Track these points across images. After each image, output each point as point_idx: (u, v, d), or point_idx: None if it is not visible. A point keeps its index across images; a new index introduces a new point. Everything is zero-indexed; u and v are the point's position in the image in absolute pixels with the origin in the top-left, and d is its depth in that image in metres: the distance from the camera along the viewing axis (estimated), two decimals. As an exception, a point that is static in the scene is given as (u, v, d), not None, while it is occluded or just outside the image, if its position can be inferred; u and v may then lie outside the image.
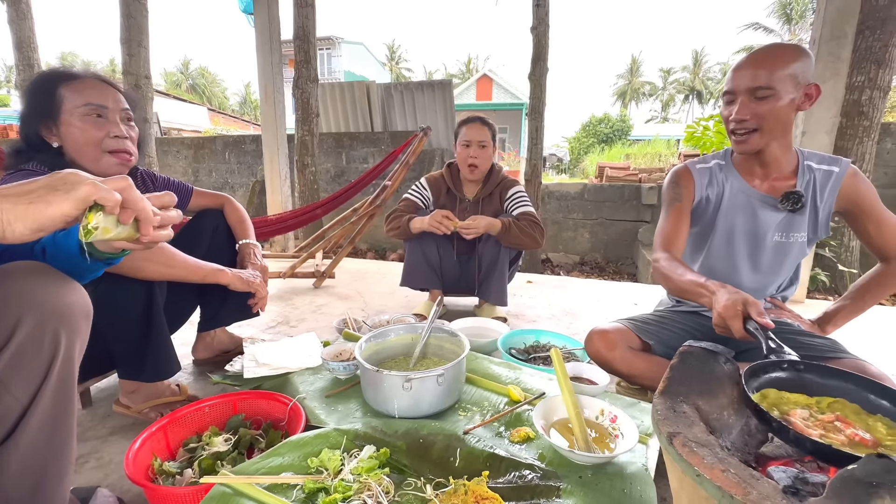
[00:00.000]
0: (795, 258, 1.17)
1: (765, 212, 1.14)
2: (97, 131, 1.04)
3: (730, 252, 1.19)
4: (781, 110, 1.02)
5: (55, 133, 1.04)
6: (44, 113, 1.03)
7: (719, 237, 1.20)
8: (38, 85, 1.05)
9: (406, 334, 1.29)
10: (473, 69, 35.51)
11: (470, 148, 1.85)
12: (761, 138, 1.06)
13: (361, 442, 0.92)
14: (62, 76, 1.05)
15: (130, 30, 4.18)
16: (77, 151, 1.05)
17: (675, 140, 14.33)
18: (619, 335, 1.20)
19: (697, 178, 1.22)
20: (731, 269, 1.20)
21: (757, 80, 1.01)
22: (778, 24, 23.60)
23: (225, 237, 1.42)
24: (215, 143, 6.54)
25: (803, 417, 0.60)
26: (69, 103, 1.02)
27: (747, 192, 1.16)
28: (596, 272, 4.96)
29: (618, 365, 1.17)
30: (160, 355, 1.12)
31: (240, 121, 20.51)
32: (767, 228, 1.14)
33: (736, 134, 1.08)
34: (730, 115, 1.08)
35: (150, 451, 0.93)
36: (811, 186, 1.11)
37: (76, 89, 1.03)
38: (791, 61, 1.00)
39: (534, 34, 4.28)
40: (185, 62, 36.15)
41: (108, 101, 1.06)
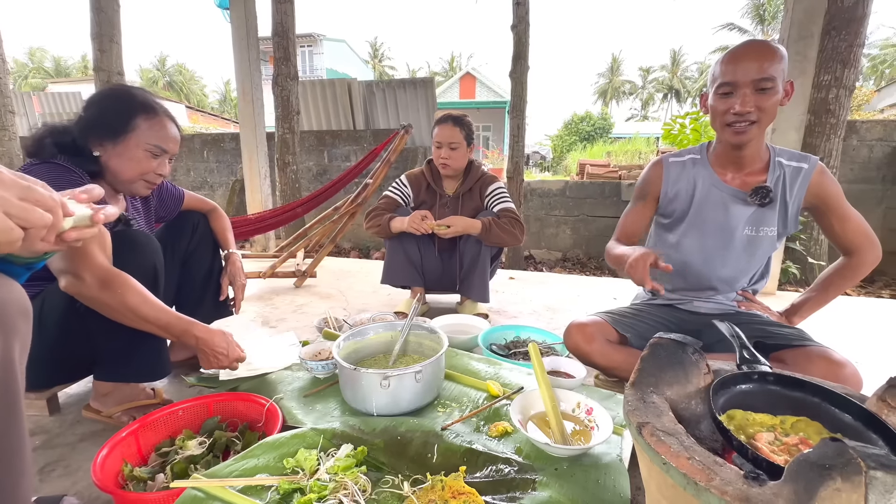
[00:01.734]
0: (766, 252, 1.20)
1: (735, 206, 1.17)
2: (148, 165, 1.11)
3: (702, 245, 1.22)
4: (777, 103, 1.04)
5: (104, 147, 1.08)
6: (109, 131, 1.07)
7: (691, 230, 1.23)
8: (116, 105, 1.09)
9: (385, 332, 1.28)
10: (457, 67, 35.49)
11: (441, 149, 1.86)
12: (757, 130, 1.07)
13: (339, 441, 0.92)
14: (143, 106, 1.09)
15: (101, 24, 4.03)
16: (122, 172, 1.10)
17: (655, 138, 14.60)
18: (596, 328, 1.22)
19: (667, 173, 1.26)
20: (703, 261, 1.23)
21: (762, 72, 1.01)
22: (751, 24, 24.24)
23: (205, 238, 1.46)
24: (193, 141, 6.39)
25: (769, 441, 0.61)
26: (142, 136, 1.08)
27: (719, 187, 1.19)
28: (578, 268, 5.02)
29: (596, 358, 1.20)
30: (153, 355, 1.11)
31: (220, 119, 20.05)
32: (738, 223, 1.17)
33: (735, 126, 1.07)
34: (729, 107, 1.06)
35: (120, 457, 0.90)
36: (781, 182, 1.15)
37: (152, 126, 1.10)
38: (781, 57, 1.03)
39: (514, 32, 4.30)
40: (162, 59, 35.16)
41: (171, 147, 1.14)
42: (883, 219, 4.35)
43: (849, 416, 0.64)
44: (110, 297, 0.94)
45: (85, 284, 0.92)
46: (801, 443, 0.62)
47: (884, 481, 0.40)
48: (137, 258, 1.04)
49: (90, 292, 0.93)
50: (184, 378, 1.30)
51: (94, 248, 0.96)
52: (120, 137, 1.07)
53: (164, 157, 1.15)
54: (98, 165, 1.09)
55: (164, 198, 1.41)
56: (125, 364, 1.10)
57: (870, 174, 4.37)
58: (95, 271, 0.93)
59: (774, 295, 2.52)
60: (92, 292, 0.93)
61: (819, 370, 0.99)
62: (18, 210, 0.49)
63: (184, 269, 1.43)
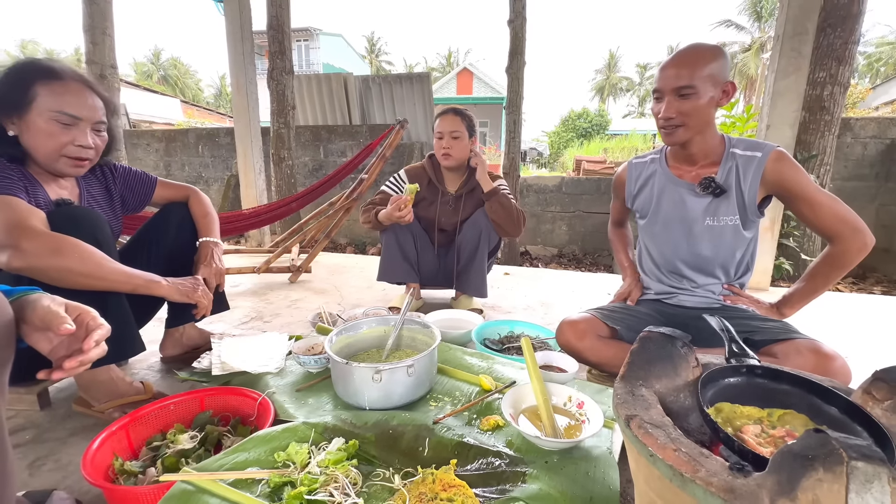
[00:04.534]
0: (734, 240, 1.23)
1: (690, 199, 1.24)
2: (62, 136, 1.02)
3: (670, 237, 1.29)
4: (702, 107, 1.11)
5: (15, 124, 1.01)
6: (10, 104, 0.99)
7: (658, 225, 1.31)
8: (14, 74, 1.00)
9: (378, 327, 1.28)
10: (454, 63, 35.33)
11: (443, 139, 1.84)
12: (686, 132, 1.15)
13: (330, 435, 0.92)
14: (43, 72, 1.00)
15: (94, 17, 3.99)
16: (36, 149, 1.02)
17: (652, 135, 14.62)
18: (587, 325, 1.23)
19: (630, 174, 1.39)
20: (673, 252, 1.30)
21: (680, 80, 1.10)
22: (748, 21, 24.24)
23: (190, 232, 1.37)
24: (188, 135, 6.34)
25: (755, 434, 0.61)
26: (42, 103, 0.99)
27: (674, 182, 1.27)
28: (573, 264, 5.04)
29: (587, 354, 1.21)
30: (120, 332, 1.04)
31: (215, 113, 19.90)
32: (696, 214, 1.23)
33: (664, 129, 1.17)
34: (658, 112, 1.16)
35: (110, 451, 0.90)
36: (734, 172, 1.18)
37: (54, 92, 1.00)
38: (709, 61, 1.08)
39: (511, 27, 4.28)
40: (156, 52, 34.79)
41: (82, 111, 1.03)
42: (876, 216, 4.38)
43: (835, 408, 0.64)
44: (68, 261, 0.91)
45: (30, 255, 0.89)
46: (787, 435, 0.62)
47: (864, 471, 0.41)
48: (80, 232, 0.99)
49: (40, 262, 0.90)
50: (176, 373, 1.30)
51: (31, 220, 0.94)
52: (24, 110, 0.99)
53: (81, 125, 1.03)
54: (19, 147, 1.02)
55: (131, 183, 1.33)
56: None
57: (863, 171, 4.40)
58: (39, 239, 0.91)
59: (767, 291, 2.54)
60: (42, 261, 0.90)
61: (808, 363, 1.00)
62: None
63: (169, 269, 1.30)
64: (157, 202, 1.41)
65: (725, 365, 0.72)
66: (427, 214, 1.96)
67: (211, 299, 1.25)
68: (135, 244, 1.35)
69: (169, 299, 1.16)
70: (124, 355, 1.11)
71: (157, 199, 1.40)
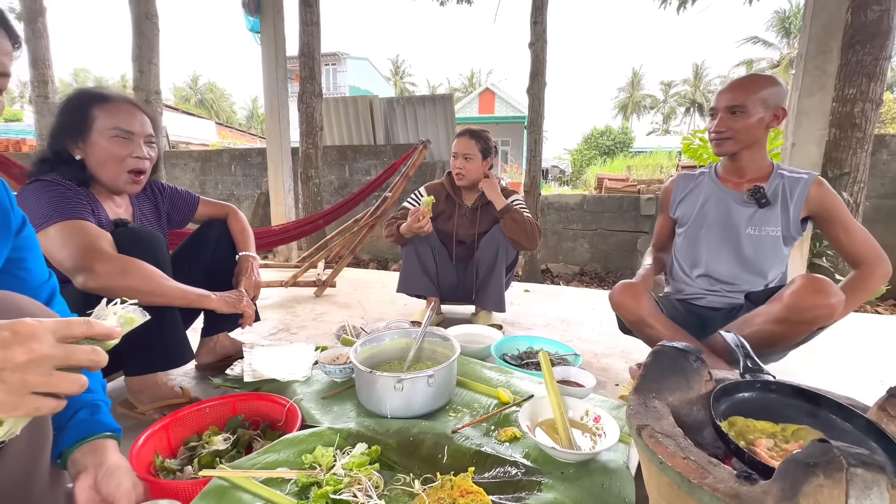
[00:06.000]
0: (773, 252, 1.31)
1: (736, 206, 1.35)
2: (122, 150, 1.14)
3: (711, 243, 1.38)
4: (751, 125, 1.27)
5: (80, 148, 1.13)
6: (74, 129, 1.12)
7: (698, 229, 1.41)
8: (72, 103, 1.14)
9: (400, 339, 1.33)
10: (476, 83, 35.99)
11: (457, 159, 1.94)
12: (733, 145, 1.30)
13: (354, 440, 0.96)
14: (96, 98, 1.14)
15: (142, 47, 4.32)
16: (100, 166, 1.14)
17: (677, 152, 14.42)
18: (643, 289, 1.31)
19: (677, 186, 1.50)
20: (713, 257, 1.38)
21: (732, 100, 1.27)
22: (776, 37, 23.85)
23: (228, 247, 1.47)
24: (222, 155, 6.68)
25: (768, 447, 0.63)
26: (100, 124, 1.12)
27: (722, 191, 1.39)
28: (596, 282, 4.98)
29: (644, 312, 1.27)
30: (175, 343, 1.18)
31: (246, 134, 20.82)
32: (740, 221, 1.33)
33: (714, 140, 1.33)
34: (712, 127, 1.34)
35: (152, 449, 0.97)
36: (781, 188, 1.30)
37: (108, 112, 1.13)
38: (763, 87, 1.25)
39: (532, 50, 4.39)
40: (194, 77, 36.90)
41: (135, 127, 1.15)
42: (917, 235, 4.18)
43: (850, 424, 0.65)
44: (134, 281, 1.01)
45: (102, 276, 0.98)
46: (800, 449, 0.63)
47: (864, 478, 0.42)
48: (142, 252, 1.09)
49: (111, 282, 0.99)
50: (210, 379, 1.37)
51: (102, 243, 1.04)
52: (86, 133, 1.11)
53: (135, 139, 1.15)
54: (85, 171, 1.14)
55: (177, 202, 1.45)
56: (148, 355, 1.17)
57: (901, 189, 4.23)
58: (110, 262, 1.00)
59: (798, 311, 2.46)
60: (113, 281, 0.99)
61: (797, 286, 1.07)
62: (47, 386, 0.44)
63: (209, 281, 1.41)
64: (199, 219, 1.52)
65: (739, 380, 0.73)
66: (445, 228, 2.03)
67: (254, 309, 1.34)
68: (178, 258, 1.46)
69: (218, 311, 1.25)
70: (176, 364, 1.21)
71: (198, 217, 1.51)
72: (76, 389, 0.45)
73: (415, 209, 1.84)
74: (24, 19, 5.50)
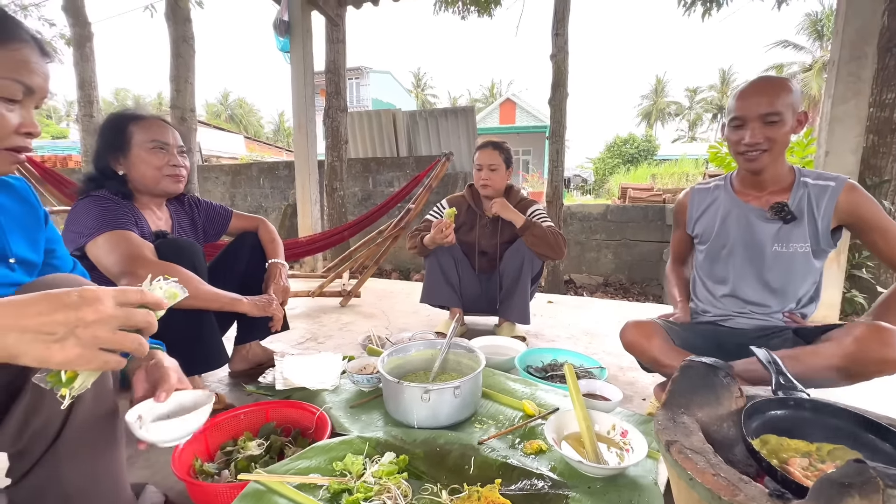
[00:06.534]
0: (803, 269, 1.23)
1: (759, 223, 1.25)
2: (160, 160, 1.25)
3: (734, 263, 1.29)
4: (786, 134, 1.16)
5: (122, 163, 1.25)
6: (116, 147, 1.23)
7: (722, 250, 1.32)
8: (111, 124, 1.26)
9: (426, 350, 1.35)
10: (497, 94, 36.20)
11: (482, 171, 1.97)
12: (769, 157, 1.18)
13: (382, 449, 0.99)
14: (131, 117, 1.25)
15: (179, 68, 4.58)
16: (142, 176, 1.26)
17: (703, 159, 14.08)
18: (654, 327, 1.26)
19: (692, 201, 1.41)
20: (739, 277, 1.30)
21: (767, 107, 1.13)
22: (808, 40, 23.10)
23: (259, 258, 1.55)
24: (251, 169, 6.93)
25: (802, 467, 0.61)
26: (138, 138, 1.23)
27: (742, 207, 1.29)
28: (620, 293, 4.90)
29: (655, 353, 1.21)
30: (210, 347, 1.26)
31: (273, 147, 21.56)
32: (765, 239, 1.24)
33: (747, 154, 1.19)
34: (740, 139, 1.18)
35: (192, 453, 1.02)
36: (806, 200, 1.21)
37: (144, 128, 1.24)
38: (788, 91, 1.14)
39: (553, 61, 4.41)
40: (225, 94, 38.52)
41: (168, 139, 1.27)
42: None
43: (889, 445, 0.63)
44: None
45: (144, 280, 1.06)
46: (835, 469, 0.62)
47: (902, 500, 0.42)
48: (181, 260, 1.18)
49: None
50: (244, 386, 1.43)
51: (144, 251, 1.13)
52: (126, 149, 1.22)
53: (170, 149, 1.26)
54: (127, 185, 1.25)
55: (212, 215, 1.54)
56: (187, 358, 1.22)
57: (949, 196, 4.00)
58: (151, 267, 1.08)
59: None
60: None
61: (863, 334, 0.97)
62: (114, 343, 0.50)
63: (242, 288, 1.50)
64: (232, 232, 1.60)
65: (772, 397, 0.72)
66: (467, 239, 2.06)
67: (283, 313, 1.40)
68: (214, 268, 1.54)
69: (249, 314, 1.32)
70: (212, 366, 1.28)
71: (231, 229, 1.60)
72: (136, 347, 0.52)
73: (438, 221, 1.87)
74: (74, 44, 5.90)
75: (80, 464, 0.73)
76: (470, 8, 5.86)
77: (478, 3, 5.77)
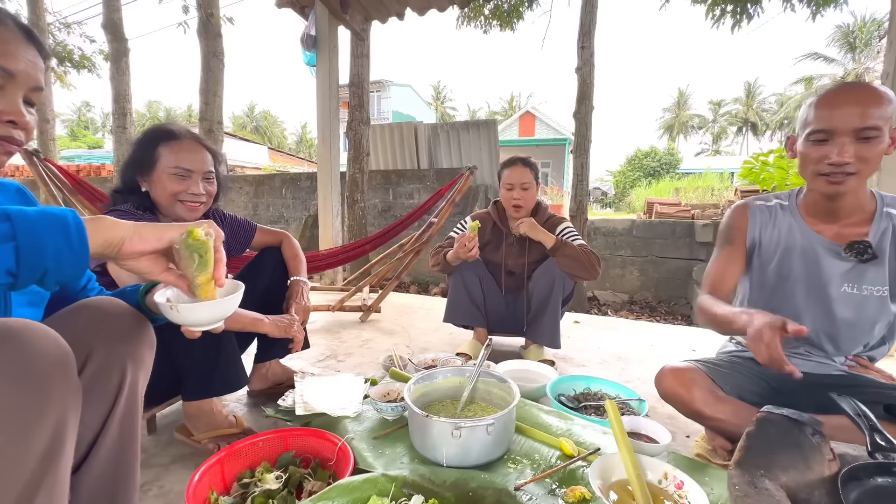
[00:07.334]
0: (875, 313, 1.05)
1: (828, 260, 1.06)
2: (178, 186, 1.20)
3: (794, 299, 1.11)
4: (880, 154, 0.94)
5: (146, 181, 1.22)
6: (142, 165, 1.21)
7: (777, 282, 1.13)
8: (143, 140, 1.23)
9: (454, 377, 1.27)
10: (516, 106, 36.29)
11: (513, 191, 1.87)
12: (856, 181, 0.97)
13: (409, 490, 0.91)
14: (164, 135, 1.22)
15: (208, 82, 4.69)
16: (159, 198, 1.22)
17: (729, 173, 13.70)
18: (694, 374, 1.10)
19: (753, 218, 1.17)
20: (794, 315, 1.08)
21: (864, 119, 0.92)
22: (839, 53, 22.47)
23: (282, 274, 1.51)
24: (274, 179, 7.03)
25: None
26: (163, 162, 1.19)
27: (809, 238, 1.09)
28: (647, 312, 4.72)
29: (698, 405, 1.06)
30: (230, 369, 1.20)
31: (295, 158, 22.04)
32: (831, 278, 1.06)
33: (831, 177, 0.97)
34: (823, 156, 0.97)
35: (207, 484, 0.96)
36: (890, 233, 1.02)
37: (173, 150, 1.20)
38: (887, 102, 0.94)
39: (579, 74, 4.35)
40: (251, 106, 39.73)
41: (194, 165, 1.22)
42: None
43: None
44: None
45: None
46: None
47: None
48: None
49: None
50: (262, 408, 1.37)
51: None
52: (152, 169, 1.19)
53: (193, 176, 1.21)
54: (149, 200, 1.22)
55: (236, 230, 1.51)
56: (206, 380, 1.19)
57: None
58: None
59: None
60: None
61: None
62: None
63: (264, 304, 1.46)
64: (256, 246, 1.57)
65: (871, 461, 0.62)
66: (493, 258, 1.97)
67: (304, 335, 1.35)
68: None
69: (270, 335, 1.28)
70: (231, 388, 1.23)
71: (255, 244, 1.56)
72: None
73: (461, 236, 1.80)
74: (111, 59, 6.13)
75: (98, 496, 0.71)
76: (492, 22, 5.86)
77: (500, 17, 5.77)
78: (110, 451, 0.72)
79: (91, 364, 0.69)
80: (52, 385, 0.53)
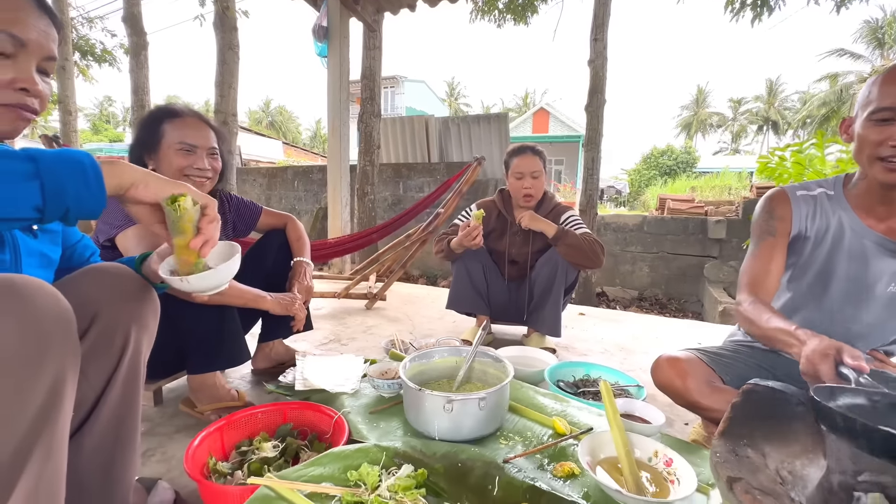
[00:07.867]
0: None
1: (879, 257, 0.97)
2: (184, 161, 1.22)
3: (826, 299, 1.05)
4: None
5: (152, 159, 1.25)
6: (148, 144, 1.23)
7: (814, 280, 1.06)
8: (147, 120, 1.26)
9: (450, 357, 1.29)
10: (531, 103, 36.01)
11: (523, 179, 1.86)
12: None
13: (400, 460, 0.92)
14: (166, 113, 1.25)
15: (224, 74, 4.76)
16: (165, 174, 1.24)
17: (748, 172, 13.39)
18: (691, 364, 1.08)
19: (798, 207, 1.06)
20: (826, 318, 1.05)
21: None
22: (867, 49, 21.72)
23: (286, 256, 1.54)
24: (286, 172, 7.13)
25: None
26: (168, 138, 1.22)
27: (859, 232, 0.99)
28: (656, 308, 4.66)
29: (693, 396, 1.03)
30: (233, 343, 1.24)
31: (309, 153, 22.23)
32: (879, 276, 0.98)
33: (891, 161, 0.88)
34: (886, 137, 0.87)
35: (207, 450, 0.99)
36: None
37: (176, 126, 1.22)
38: None
39: (591, 67, 4.30)
40: (267, 102, 40.17)
41: (198, 141, 1.23)
42: None
43: None
44: None
45: None
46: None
47: None
48: None
49: None
50: (264, 384, 1.41)
51: None
52: (157, 146, 1.20)
53: (198, 152, 1.22)
54: None
55: (242, 211, 1.54)
56: (210, 354, 1.22)
57: None
58: None
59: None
60: None
61: None
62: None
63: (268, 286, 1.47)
64: (261, 228, 1.60)
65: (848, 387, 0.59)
66: (497, 247, 1.98)
67: (305, 313, 1.37)
68: (242, 264, 1.53)
69: (272, 312, 1.31)
70: (234, 362, 1.26)
71: (261, 226, 1.59)
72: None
73: (465, 224, 1.81)
74: (131, 53, 6.27)
75: (99, 456, 0.74)
76: (506, 16, 5.83)
77: (514, 11, 5.73)
78: (112, 412, 0.75)
79: (97, 324, 0.71)
80: (50, 340, 0.53)
